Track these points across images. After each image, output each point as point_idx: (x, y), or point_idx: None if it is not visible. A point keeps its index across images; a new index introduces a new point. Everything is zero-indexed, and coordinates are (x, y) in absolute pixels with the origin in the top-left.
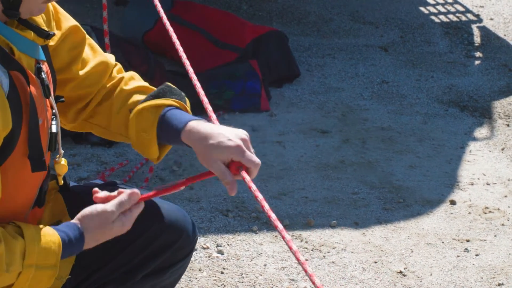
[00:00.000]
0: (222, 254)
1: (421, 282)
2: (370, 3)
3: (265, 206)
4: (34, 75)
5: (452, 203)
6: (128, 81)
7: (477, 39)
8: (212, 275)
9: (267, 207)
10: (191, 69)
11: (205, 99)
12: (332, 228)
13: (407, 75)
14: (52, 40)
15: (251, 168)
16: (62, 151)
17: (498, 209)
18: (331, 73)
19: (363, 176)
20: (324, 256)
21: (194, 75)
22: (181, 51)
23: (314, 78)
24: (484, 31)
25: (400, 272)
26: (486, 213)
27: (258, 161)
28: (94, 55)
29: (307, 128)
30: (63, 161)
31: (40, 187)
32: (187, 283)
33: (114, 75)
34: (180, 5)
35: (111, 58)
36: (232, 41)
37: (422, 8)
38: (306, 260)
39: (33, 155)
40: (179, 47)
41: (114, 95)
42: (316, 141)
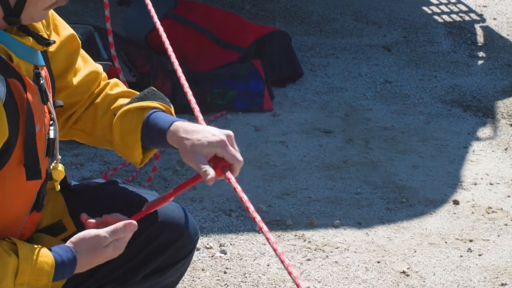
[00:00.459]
0: (225, 254)
1: (424, 282)
2: (373, 3)
3: (243, 198)
4: (32, 82)
5: (455, 203)
6: (113, 87)
7: (480, 39)
8: (215, 275)
9: (246, 198)
10: (180, 68)
11: (192, 99)
12: (335, 228)
13: (410, 75)
14: (52, 46)
15: (234, 165)
16: (60, 157)
17: (501, 209)
18: (334, 73)
19: (366, 176)
20: (327, 256)
21: (182, 75)
22: (170, 51)
23: (317, 78)
24: (487, 31)
25: (403, 272)
26: (489, 213)
27: (241, 158)
28: (85, 64)
29: (310, 128)
30: (60, 166)
31: (38, 192)
32: (190, 283)
33: (100, 82)
34: (183, 4)
35: (99, 67)
36: (235, 40)
37: (425, 8)
38: (309, 260)
39: (28, 164)
40: (169, 46)
41: (99, 100)
42: (319, 141)
